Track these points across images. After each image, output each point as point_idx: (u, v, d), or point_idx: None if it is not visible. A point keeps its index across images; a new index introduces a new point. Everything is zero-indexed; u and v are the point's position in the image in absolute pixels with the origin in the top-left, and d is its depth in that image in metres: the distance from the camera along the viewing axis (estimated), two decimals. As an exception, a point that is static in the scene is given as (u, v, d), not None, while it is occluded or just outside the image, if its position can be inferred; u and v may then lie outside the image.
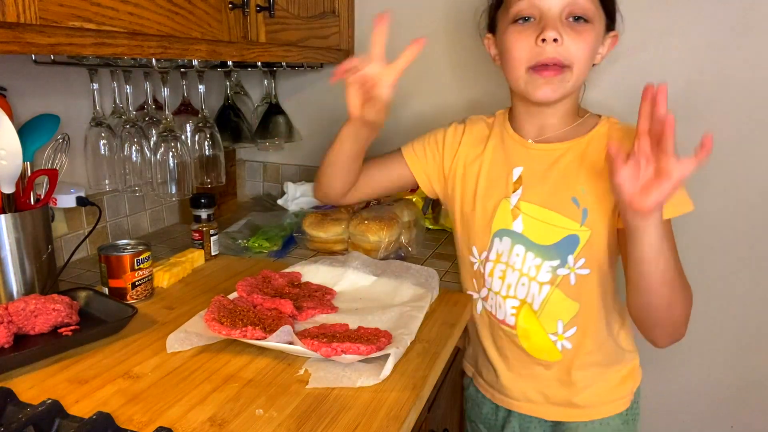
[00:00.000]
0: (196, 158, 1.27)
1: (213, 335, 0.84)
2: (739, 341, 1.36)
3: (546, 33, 0.80)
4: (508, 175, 0.93)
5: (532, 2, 0.82)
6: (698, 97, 1.28)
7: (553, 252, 0.90)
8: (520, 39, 0.83)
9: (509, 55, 0.86)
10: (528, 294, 0.93)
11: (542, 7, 0.82)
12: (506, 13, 0.87)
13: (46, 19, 0.67)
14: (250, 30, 1.06)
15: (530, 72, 0.84)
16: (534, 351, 0.96)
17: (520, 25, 0.84)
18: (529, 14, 0.83)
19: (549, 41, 0.80)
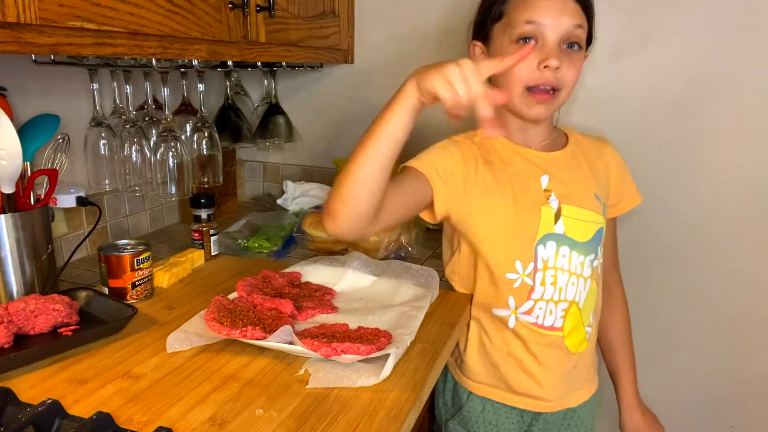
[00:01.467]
0: (194, 158, 1.27)
1: (213, 335, 0.84)
2: (739, 341, 1.36)
3: (550, 61, 0.86)
4: (536, 184, 0.96)
5: (538, 27, 0.87)
6: (698, 97, 1.28)
7: (590, 246, 0.97)
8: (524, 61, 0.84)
9: (508, 73, 0.88)
10: (576, 293, 0.97)
11: (546, 33, 0.87)
12: (508, 31, 0.90)
13: (46, 19, 0.67)
14: (250, 30, 1.06)
15: (526, 92, 0.89)
16: (573, 347, 0.99)
17: (523, 46, 0.88)
18: (533, 36, 0.88)
19: (551, 68, 0.87)
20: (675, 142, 1.32)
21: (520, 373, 0.99)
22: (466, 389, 1.04)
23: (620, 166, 1.05)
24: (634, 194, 1.07)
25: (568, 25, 0.87)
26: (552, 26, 0.87)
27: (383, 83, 1.57)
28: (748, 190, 1.29)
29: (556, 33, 0.87)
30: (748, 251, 1.31)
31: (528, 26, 0.87)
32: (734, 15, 1.22)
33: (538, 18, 0.87)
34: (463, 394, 1.04)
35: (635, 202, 1.07)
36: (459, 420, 1.05)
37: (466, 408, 1.04)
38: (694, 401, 1.43)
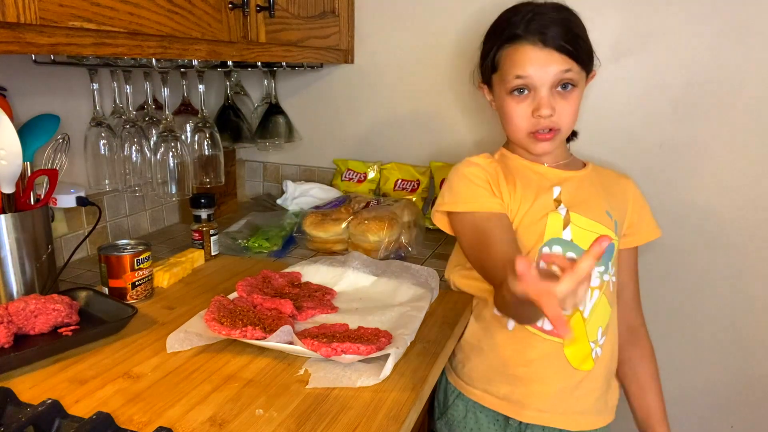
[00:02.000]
0: (195, 158, 1.27)
1: (213, 335, 0.84)
2: (739, 341, 1.36)
3: (541, 111, 0.93)
4: (548, 193, 0.98)
5: (526, 81, 0.93)
6: (698, 98, 1.28)
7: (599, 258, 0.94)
8: (519, 110, 0.95)
9: (510, 121, 0.97)
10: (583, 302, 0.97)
11: (535, 83, 0.93)
12: (502, 84, 0.96)
13: (46, 19, 0.67)
14: (250, 30, 1.06)
15: (530, 135, 0.96)
16: (574, 360, 0.97)
17: (517, 97, 0.95)
18: (524, 87, 0.94)
19: (544, 116, 0.93)
20: (675, 142, 1.32)
21: (511, 378, 0.98)
22: (455, 389, 1.04)
23: (638, 201, 1.06)
24: (652, 229, 1.06)
25: (555, 73, 0.92)
26: (539, 77, 0.92)
27: (383, 83, 1.59)
28: (748, 189, 1.29)
29: (546, 82, 0.92)
30: (748, 251, 1.31)
31: (518, 80, 0.93)
32: (734, 15, 1.22)
33: (525, 72, 0.92)
34: (451, 395, 1.04)
35: (653, 236, 1.06)
36: (445, 421, 1.06)
37: (451, 411, 1.04)
38: (694, 401, 1.43)
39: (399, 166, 1.55)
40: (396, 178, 1.55)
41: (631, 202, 1.05)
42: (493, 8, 1.02)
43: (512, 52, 0.94)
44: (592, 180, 1.02)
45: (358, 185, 1.58)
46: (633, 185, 1.07)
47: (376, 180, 1.58)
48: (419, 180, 1.52)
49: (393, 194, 1.54)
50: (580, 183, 1.01)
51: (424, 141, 1.54)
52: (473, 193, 0.96)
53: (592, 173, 1.04)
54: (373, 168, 1.58)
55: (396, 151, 1.58)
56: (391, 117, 1.57)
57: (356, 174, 1.59)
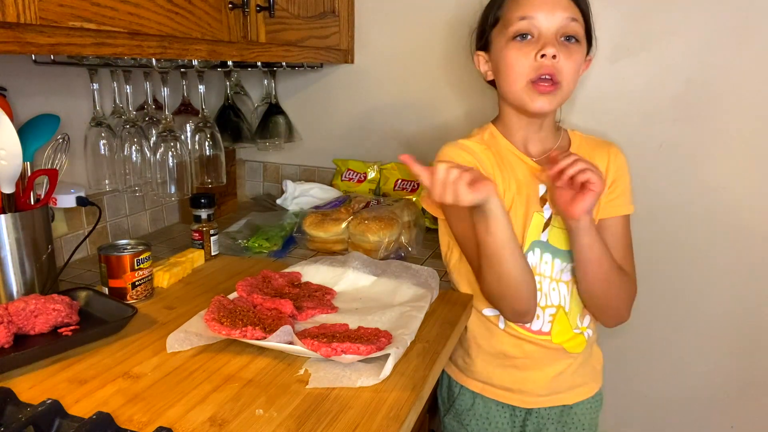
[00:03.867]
0: (196, 158, 1.27)
1: (213, 335, 0.83)
2: (738, 341, 1.36)
3: (546, 49, 0.88)
4: (535, 191, 0.98)
5: (532, 22, 0.90)
6: (698, 97, 1.28)
7: (570, 253, 0.97)
8: (521, 55, 0.91)
9: (509, 70, 0.93)
10: (560, 297, 0.99)
11: (541, 26, 0.90)
12: (504, 31, 0.93)
13: (46, 19, 0.67)
14: (250, 30, 1.06)
15: (529, 84, 0.91)
16: (571, 348, 1.01)
17: (519, 42, 0.91)
18: (528, 32, 0.91)
19: (548, 57, 0.89)
20: (675, 142, 1.32)
21: (510, 370, 1.02)
22: (458, 383, 1.06)
23: (619, 170, 1.01)
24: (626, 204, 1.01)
25: (561, 18, 0.90)
26: (545, 19, 0.89)
27: (383, 83, 1.58)
28: (748, 189, 1.29)
29: (551, 26, 0.90)
30: (748, 251, 1.31)
31: (522, 22, 0.90)
32: (734, 15, 1.22)
33: (531, 13, 0.90)
34: (455, 388, 1.07)
35: (622, 211, 1.00)
36: (453, 414, 1.08)
37: (458, 402, 1.07)
38: (694, 401, 1.43)
39: (399, 166, 1.55)
40: (396, 178, 1.55)
41: (612, 173, 1.00)
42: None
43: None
44: None
45: (358, 185, 1.58)
46: (615, 154, 1.01)
47: (376, 180, 1.58)
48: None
49: (393, 194, 1.54)
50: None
51: (424, 141, 1.54)
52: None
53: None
54: (373, 168, 1.58)
55: (396, 151, 1.58)
56: (391, 117, 1.57)
57: (356, 174, 1.59)
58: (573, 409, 1.05)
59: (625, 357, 1.45)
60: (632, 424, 1.50)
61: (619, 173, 1.01)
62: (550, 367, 1.01)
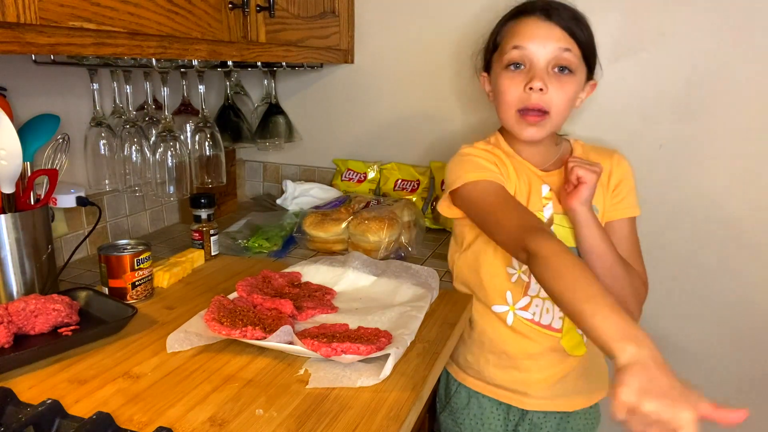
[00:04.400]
0: (196, 158, 1.27)
1: (213, 335, 0.84)
2: (739, 341, 1.36)
3: (533, 83, 0.91)
4: (537, 191, 0.99)
5: (523, 53, 0.92)
6: (698, 97, 1.28)
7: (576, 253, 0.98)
8: (512, 85, 0.94)
9: (502, 97, 0.96)
10: None
11: (532, 57, 0.92)
12: (500, 58, 0.96)
13: (46, 19, 0.67)
14: (250, 30, 1.06)
15: (518, 114, 0.95)
16: (571, 348, 1.00)
17: (512, 72, 0.94)
18: (521, 61, 0.93)
19: (535, 90, 0.91)
20: (675, 142, 1.32)
21: (512, 370, 1.01)
22: (456, 380, 1.07)
23: (623, 175, 1.03)
24: (631, 206, 1.03)
25: (554, 49, 0.91)
26: (537, 50, 0.92)
27: (383, 83, 1.58)
28: (748, 189, 1.29)
29: (542, 57, 0.92)
30: (748, 251, 1.31)
31: (515, 51, 0.93)
32: (734, 15, 1.22)
33: (523, 43, 0.92)
34: (453, 386, 1.07)
35: (626, 213, 1.02)
36: (449, 412, 1.08)
37: (454, 400, 1.07)
38: (694, 401, 1.43)
39: (399, 166, 1.55)
40: (396, 178, 1.55)
41: (615, 178, 1.02)
42: (493, 8, 1.02)
43: (513, 25, 0.95)
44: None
45: (358, 185, 1.58)
46: (618, 161, 1.03)
47: (376, 180, 1.58)
48: (419, 180, 1.52)
49: (393, 194, 1.54)
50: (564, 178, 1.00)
51: (424, 141, 1.54)
52: (481, 166, 0.96)
53: None
54: (373, 168, 1.58)
55: (396, 151, 1.58)
56: (391, 117, 1.57)
57: (356, 174, 1.59)
58: (571, 417, 1.04)
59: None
60: (632, 424, 1.50)
61: (622, 177, 1.03)
62: (552, 369, 1.01)
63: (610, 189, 1.03)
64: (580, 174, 0.92)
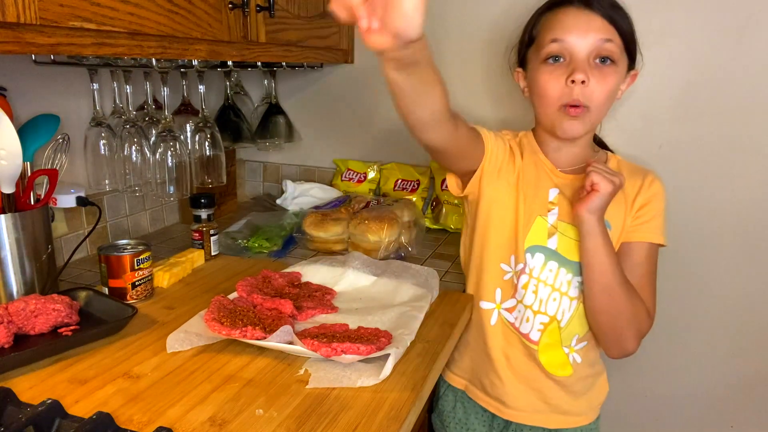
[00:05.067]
0: (196, 158, 1.27)
1: (213, 335, 0.84)
2: (738, 341, 1.36)
3: (575, 75, 0.86)
4: (544, 195, 0.96)
5: (563, 45, 0.88)
6: (698, 97, 1.28)
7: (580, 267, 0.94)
8: (552, 79, 0.89)
9: (542, 93, 0.91)
10: (558, 310, 0.96)
11: (572, 49, 0.88)
12: (538, 52, 0.92)
13: (46, 19, 0.67)
14: (250, 30, 1.06)
15: (561, 109, 0.90)
16: (550, 366, 0.98)
17: (551, 65, 0.90)
18: (560, 54, 0.89)
19: (578, 83, 0.87)
20: (675, 142, 1.32)
21: (492, 374, 1.00)
22: (445, 381, 1.07)
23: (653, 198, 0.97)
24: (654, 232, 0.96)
25: (594, 40, 0.87)
26: (578, 42, 0.87)
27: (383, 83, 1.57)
28: (748, 189, 1.29)
29: (583, 49, 0.88)
30: (748, 251, 1.31)
31: (554, 45, 0.88)
32: (734, 15, 1.22)
33: (563, 36, 0.88)
34: (442, 387, 1.07)
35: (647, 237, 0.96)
36: (437, 413, 1.09)
37: (441, 402, 1.07)
38: (694, 401, 1.43)
39: (399, 166, 1.55)
40: (396, 178, 1.55)
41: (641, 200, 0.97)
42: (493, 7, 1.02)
43: (551, 17, 0.91)
44: None
45: (358, 185, 1.58)
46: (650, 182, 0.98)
47: (376, 180, 1.58)
48: (419, 180, 1.52)
49: (393, 194, 1.54)
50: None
51: (424, 141, 1.54)
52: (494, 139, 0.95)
53: None
54: (373, 168, 1.58)
55: (396, 151, 1.58)
56: (391, 117, 1.57)
57: (356, 174, 1.59)
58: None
59: (625, 357, 1.45)
60: (632, 423, 1.50)
61: (652, 200, 0.97)
62: (530, 382, 0.98)
63: (634, 209, 0.96)
64: (595, 180, 0.86)
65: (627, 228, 0.97)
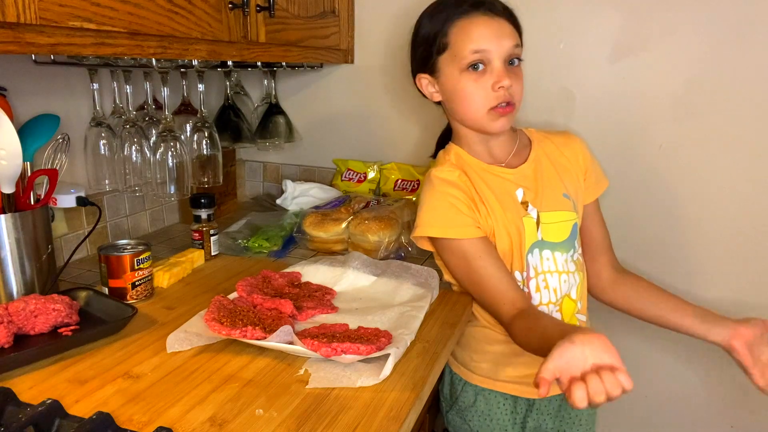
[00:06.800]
0: (194, 158, 1.27)
1: (213, 335, 0.84)
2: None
3: (503, 82, 0.94)
4: (514, 198, 1.01)
5: (484, 54, 0.94)
6: (698, 98, 1.28)
7: (568, 244, 1.03)
8: (478, 87, 0.95)
9: (469, 99, 0.97)
10: (568, 287, 1.02)
11: (491, 57, 0.94)
12: (455, 61, 0.96)
13: (46, 19, 0.67)
14: (250, 30, 1.06)
15: (491, 112, 0.96)
16: None
17: (474, 73, 0.95)
18: (481, 62, 0.95)
19: (505, 88, 0.95)
20: (675, 142, 1.32)
21: (519, 364, 1.02)
22: (462, 379, 1.07)
23: (588, 156, 1.09)
24: (601, 181, 1.11)
25: (508, 47, 0.95)
26: (496, 51, 0.94)
27: (383, 83, 1.58)
28: (748, 189, 1.29)
29: (500, 56, 0.94)
30: (748, 251, 1.31)
31: (476, 55, 0.94)
32: (734, 15, 1.22)
33: (483, 46, 0.94)
34: (459, 385, 1.08)
35: (602, 188, 1.11)
36: (456, 410, 1.09)
37: (461, 398, 1.07)
38: (694, 401, 1.43)
39: (399, 166, 1.55)
40: (396, 178, 1.55)
41: (581, 162, 1.08)
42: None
43: (464, 25, 0.95)
44: (541, 164, 1.04)
45: (358, 185, 1.58)
46: (580, 145, 1.09)
47: (376, 180, 1.58)
48: (419, 180, 1.52)
49: (393, 194, 1.54)
50: (534, 174, 1.03)
51: (424, 141, 1.54)
52: (460, 221, 0.97)
53: (539, 153, 1.06)
54: (373, 168, 1.58)
55: (396, 151, 1.58)
56: (391, 117, 1.57)
57: (356, 174, 1.59)
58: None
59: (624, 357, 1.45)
60: (632, 424, 1.50)
61: (588, 159, 1.09)
62: None
63: (583, 172, 1.08)
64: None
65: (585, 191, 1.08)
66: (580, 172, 1.07)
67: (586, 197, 1.08)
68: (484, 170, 1.02)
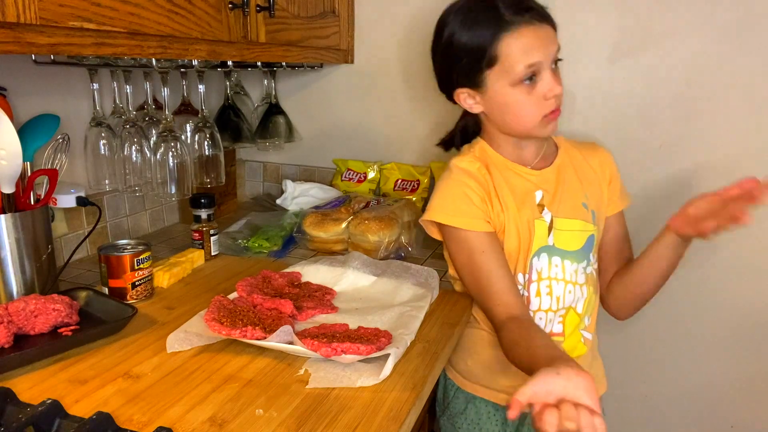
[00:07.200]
0: (195, 158, 1.27)
1: (213, 335, 0.84)
2: (738, 341, 1.36)
3: (555, 90, 0.91)
4: (531, 199, 0.99)
5: (536, 67, 0.90)
6: (697, 97, 1.28)
7: (581, 254, 1.00)
8: (531, 98, 0.92)
9: (524, 113, 0.94)
10: (574, 299, 1.00)
11: (543, 68, 0.91)
12: (505, 75, 0.91)
13: (46, 19, 0.67)
14: (250, 30, 1.06)
15: (542, 119, 0.94)
16: (571, 351, 1.01)
17: (528, 85, 0.91)
18: (533, 74, 0.91)
19: (558, 94, 0.92)
20: (675, 142, 1.32)
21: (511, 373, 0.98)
22: (454, 384, 1.06)
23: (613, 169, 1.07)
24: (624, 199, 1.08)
25: (554, 52, 0.93)
26: (545, 60, 0.91)
27: (383, 83, 1.58)
28: (748, 190, 1.29)
29: (549, 64, 0.92)
30: (748, 251, 1.31)
31: (530, 69, 0.90)
32: (734, 15, 1.22)
33: (535, 59, 0.90)
34: (451, 390, 1.07)
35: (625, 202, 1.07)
36: (448, 416, 1.08)
37: (453, 404, 1.07)
38: (694, 401, 1.43)
39: (399, 166, 1.55)
40: (396, 178, 1.55)
41: (607, 173, 1.05)
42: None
43: (516, 38, 0.89)
44: (566, 170, 1.02)
45: (358, 185, 1.58)
46: (607, 157, 1.07)
47: (376, 180, 1.58)
48: (419, 180, 1.52)
49: (393, 194, 1.54)
50: (557, 177, 1.01)
51: (424, 141, 1.54)
52: (470, 212, 0.95)
53: (565, 160, 1.04)
54: (373, 168, 1.58)
55: (396, 151, 1.58)
56: (391, 117, 1.57)
57: (356, 174, 1.59)
58: None
59: (625, 357, 1.45)
60: (632, 424, 1.50)
61: (614, 172, 1.06)
62: None
63: (606, 182, 1.05)
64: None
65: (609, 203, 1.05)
66: (604, 184, 1.05)
67: (608, 209, 1.05)
68: (508, 168, 1.00)
